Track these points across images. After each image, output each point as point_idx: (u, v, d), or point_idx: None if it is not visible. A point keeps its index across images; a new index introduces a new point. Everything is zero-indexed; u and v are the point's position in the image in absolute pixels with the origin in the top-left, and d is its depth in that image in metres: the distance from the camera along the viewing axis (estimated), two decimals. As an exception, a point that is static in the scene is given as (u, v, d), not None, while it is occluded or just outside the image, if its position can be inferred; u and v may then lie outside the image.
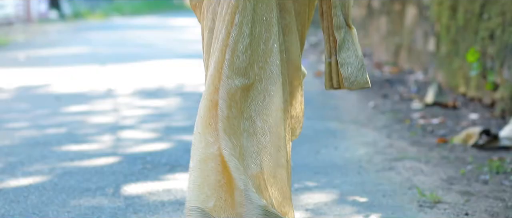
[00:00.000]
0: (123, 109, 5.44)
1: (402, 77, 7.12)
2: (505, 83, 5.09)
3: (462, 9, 5.93)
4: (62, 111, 5.36)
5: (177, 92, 6.25)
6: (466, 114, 5.32)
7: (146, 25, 15.66)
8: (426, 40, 7.04)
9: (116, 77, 7.18)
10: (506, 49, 5.06)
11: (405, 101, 5.97)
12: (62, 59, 8.89)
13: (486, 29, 5.41)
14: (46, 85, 6.66)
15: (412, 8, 7.55)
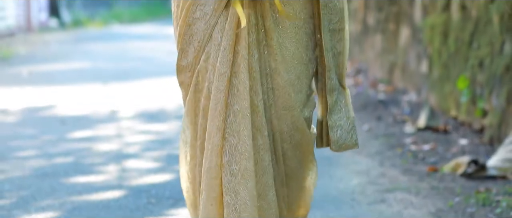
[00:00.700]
0: (127, 134, 5.65)
1: (396, 97, 7.33)
2: (493, 110, 5.30)
3: (453, 35, 6.15)
4: (67, 137, 5.56)
5: (177, 115, 6.46)
6: (456, 139, 5.54)
7: (144, 35, 15.86)
8: (419, 61, 7.25)
9: (118, 97, 7.39)
10: (495, 78, 5.28)
11: (398, 124, 6.18)
12: (64, 75, 9.09)
13: (476, 57, 5.63)
14: (51, 106, 6.86)
15: (406, 29, 7.76)
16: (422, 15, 7.13)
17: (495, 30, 5.26)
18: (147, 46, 13.04)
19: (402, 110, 6.76)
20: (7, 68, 10.02)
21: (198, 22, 2.54)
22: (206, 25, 2.53)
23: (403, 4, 7.85)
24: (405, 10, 7.78)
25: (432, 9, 6.77)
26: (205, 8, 2.54)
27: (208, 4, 2.53)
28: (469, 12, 5.83)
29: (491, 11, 5.32)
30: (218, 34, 2.51)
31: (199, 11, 2.54)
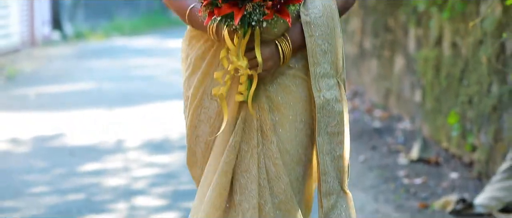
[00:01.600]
0: (133, 167, 5.93)
1: (391, 125, 7.61)
2: (482, 147, 5.59)
3: (444, 71, 6.44)
4: (77, 170, 5.85)
5: (180, 144, 6.73)
6: (447, 172, 5.83)
7: (146, 50, 16.14)
8: (413, 90, 7.54)
9: (123, 124, 7.67)
10: (483, 117, 5.57)
11: (392, 154, 6.47)
12: (70, 98, 9.37)
13: (466, 94, 5.92)
14: (59, 135, 7.14)
15: (400, 57, 8.05)
16: (415, 46, 7.42)
17: (483, 70, 5.55)
18: (149, 63, 13.32)
19: (396, 138, 7.05)
20: (13, 88, 10.31)
21: (202, 124, 2.64)
22: (211, 128, 2.63)
23: (398, 33, 8.14)
24: (399, 39, 8.07)
25: (425, 42, 7.06)
26: (209, 111, 2.64)
27: (211, 108, 2.63)
28: (459, 50, 6.12)
29: (479, 52, 5.61)
30: (223, 136, 2.59)
31: (204, 114, 2.65)
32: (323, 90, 2.57)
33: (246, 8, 2.39)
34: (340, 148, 2.59)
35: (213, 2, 2.42)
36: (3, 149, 6.60)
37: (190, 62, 2.69)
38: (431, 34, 6.82)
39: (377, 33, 9.02)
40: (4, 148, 6.66)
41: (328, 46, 2.58)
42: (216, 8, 2.42)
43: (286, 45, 2.55)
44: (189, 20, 2.62)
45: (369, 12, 9.42)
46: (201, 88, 2.65)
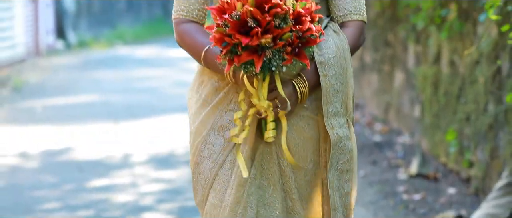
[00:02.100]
0: (140, 183, 6.11)
1: (390, 139, 7.79)
2: (479, 163, 5.77)
3: (443, 88, 6.61)
4: (86, 186, 6.02)
5: (186, 159, 6.91)
6: (445, 188, 6.00)
7: (148, 59, 16.33)
8: (412, 105, 7.72)
9: (129, 138, 7.84)
10: (480, 134, 5.74)
11: (392, 169, 6.65)
12: (76, 110, 9.55)
13: (463, 112, 6.09)
14: (68, 150, 7.31)
15: (400, 72, 8.23)
16: (415, 62, 7.60)
17: (480, 89, 5.72)
18: (152, 75, 13.50)
19: (396, 153, 7.22)
20: (20, 101, 10.49)
21: (205, 161, 2.66)
22: (213, 163, 2.65)
23: (397, 49, 8.31)
24: (399, 55, 8.25)
25: (424, 58, 7.23)
26: (214, 147, 2.66)
27: (216, 144, 2.65)
28: (457, 68, 6.30)
29: (476, 72, 5.78)
30: (228, 171, 2.64)
31: (208, 150, 2.67)
32: (336, 128, 2.64)
33: (265, 54, 2.45)
34: (348, 185, 2.68)
35: (232, 50, 2.46)
36: (13, 164, 6.78)
37: (199, 97, 2.74)
38: (429, 52, 7.00)
39: (377, 47, 9.20)
40: (14, 162, 6.83)
41: (341, 86, 2.65)
42: (236, 55, 2.46)
43: (303, 85, 2.62)
44: (204, 61, 2.67)
45: (369, 26, 9.60)
46: (209, 124, 2.69)
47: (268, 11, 2.44)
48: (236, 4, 2.46)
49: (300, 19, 2.47)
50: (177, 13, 2.75)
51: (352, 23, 2.75)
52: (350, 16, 2.75)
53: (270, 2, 2.44)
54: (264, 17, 2.43)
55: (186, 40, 2.71)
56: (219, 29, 2.46)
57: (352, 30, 2.74)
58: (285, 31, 2.44)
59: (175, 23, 2.75)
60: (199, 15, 2.74)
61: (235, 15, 2.45)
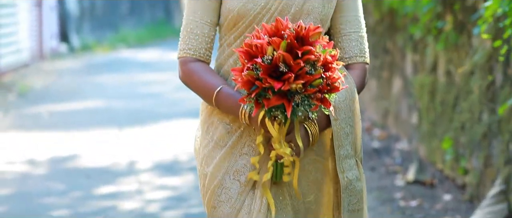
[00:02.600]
0: (146, 190, 6.31)
1: (389, 145, 7.99)
2: (473, 171, 5.96)
3: (439, 97, 6.81)
4: (94, 193, 6.22)
5: (189, 166, 7.11)
6: (441, 194, 6.19)
7: (151, 63, 16.57)
8: (410, 112, 7.91)
9: (134, 145, 8.05)
10: (474, 143, 5.94)
11: (390, 175, 6.85)
12: (81, 117, 9.76)
13: (458, 120, 6.29)
14: (74, 156, 7.51)
15: (398, 79, 8.42)
16: (412, 70, 7.79)
17: (474, 99, 5.92)
18: (155, 79, 13.71)
19: (394, 159, 7.42)
20: (26, 106, 10.70)
21: (223, 205, 2.70)
22: (231, 209, 2.68)
23: (396, 56, 8.51)
24: (397, 62, 8.44)
25: (421, 67, 7.43)
26: (231, 192, 2.70)
27: (233, 188, 2.69)
28: (453, 78, 6.49)
29: (471, 83, 5.98)
30: (245, 216, 2.67)
31: (225, 194, 2.70)
32: (346, 171, 2.70)
33: (295, 99, 2.45)
34: None
35: (262, 93, 2.45)
36: (22, 171, 6.97)
37: (210, 140, 2.75)
38: (426, 61, 7.19)
39: (377, 54, 9.39)
40: (23, 170, 7.03)
41: (350, 129, 2.72)
42: (265, 99, 2.45)
43: (314, 128, 2.67)
44: (216, 102, 2.68)
45: (369, 33, 9.77)
46: (223, 168, 2.72)
47: (301, 57, 2.45)
48: (266, 48, 2.46)
49: (328, 66, 2.50)
50: (184, 51, 2.76)
51: (357, 65, 2.83)
52: (355, 58, 2.82)
53: (302, 48, 2.46)
54: (296, 63, 2.44)
55: (195, 81, 2.71)
56: (250, 73, 2.45)
57: (358, 73, 2.81)
58: (316, 77, 2.45)
59: (181, 62, 2.76)
60: (205, 54, 2.77)
61: (267, 59, 2.45)
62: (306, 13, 2.75)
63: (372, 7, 9.12)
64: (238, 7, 2.73)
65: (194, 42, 2.76)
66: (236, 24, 2.75)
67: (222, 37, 2.83)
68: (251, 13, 2.73)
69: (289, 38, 2.45)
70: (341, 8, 2.84)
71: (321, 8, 2.77)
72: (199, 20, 2.76)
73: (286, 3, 2.74)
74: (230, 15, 2.74)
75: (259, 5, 2.73)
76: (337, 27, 2.84)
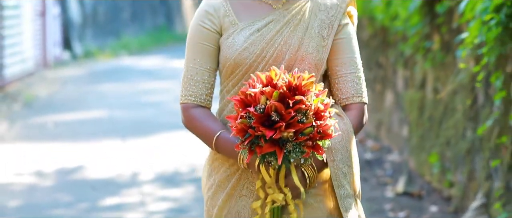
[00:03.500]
0: (149, 202, 6.65)
1: (381, 157, 8.33)
2: (458, 184, 6.31)
3: (427, 112, 7.15)
4: (99, 205, 6.57)
5: (190, 177, 7.45)
6: (428, 206, 6.54)
7: (153, 71, 16.94)
8: (401, 125, 8.26)
9: (137, 156, 8.40)
10: (459, 157, 6.29)
11: (380, 187, 7.19)
12: (85, 127, 10.12)
13: (444, 136, 6.64)
14: (80, 168, 7.86)
15: (390, 93, 8.77)
16: (403, 85, 8.14)
17: (459, 117, 6.27)
18: (157, 88, 14.08)
19: (385, 171, 7.77)
20: (32, 116, 11.05)
21: None
22: None
23: (388, 71, 8.86)
24: (389, 77, 8.79)
25: (411, 83, 7.78)
26: None
27: None
28: (440, 94, 6.84)
29: (456, 101, 6.33)
30: None
31: None
32: (349, 210, 2.78)
33: (286, 147, 2.53)
34: None
35: (254, 140, 2.54)
36: (30, 183, 7.32)
37: (213, 183, 2.89)
38: (416, 77, 7.54)
39: (370, 67, 9.74)
40: (30, 181, 7.37)
41: (348, 169, 2.79)
42: (258, 146, 2.54)
43: (311, 171, 2.74)
44: (216, 147, 2.79)
45: (363, 46, 10.13)
46: (225, 209, 2.85)
47: (292, 106, 2.53)
48: (260, 97, 2.55)
49: (319, 114, 2.56)
50: (185, 98, 2.86)
51: (355, 105, 2.88)
52: (352, 99, 2.87)
53: (293, 98, 2.53)
54: (288, 112, 2.52)
55: (196, 126, 2.81)
56: (243, 121, 2.55)
57: (355, 113, 2.87)
58: (307, 126, 2.53)
59: (183, 108, 2.86)
60: (206, 100, 2.86)
61: (259, 108, 2.54)
62: (300, 59, 2.84)
63: (367, 21, 9.47)
64: (234, 56, 2.83)
65: (195, 88, 2.85)
66: (233, 71, 2.85)
67: (221, 83, 2.92)
68: (247, 62, 2.83)
69: (282, 88, 2.55)
70: (336, 50, 2.88)
71: (316, 54, 2.85)
72: (199, 67, 2.86)
73: (280, 50, 2.84)
74: (227, 63, 2.84)
75: (254, 54, 2.83)
76: (333, 69, 2.88)
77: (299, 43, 2.85)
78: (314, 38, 2.86)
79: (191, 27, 2.93)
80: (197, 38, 2.89)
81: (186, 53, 2.92)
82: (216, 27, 2.88)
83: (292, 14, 2.87)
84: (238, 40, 2.85)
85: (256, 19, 2.87)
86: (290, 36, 2.85)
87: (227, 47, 2.85)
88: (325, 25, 2.88)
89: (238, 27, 2.87)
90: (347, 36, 2.90)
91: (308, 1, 2.90)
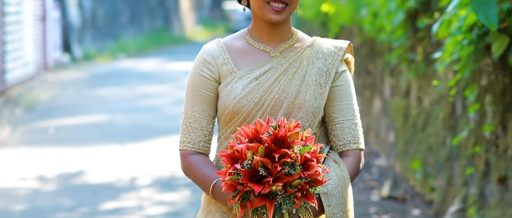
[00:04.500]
0: (146, 206, 7.02)
1: (369, 161, 8.70)
2: (439, 189, 6.69)
3: (411, 120, 7.52)
4: (100, 209, 6.93)
5: (186, 182, 7.81)
6: (410, 209, 6.91)
7: (151, 74, 17.33)
8: (388, 131, 8.63)
9: (135, 161, 8.76)
10: (439, 164, 6.66)
11: (367, 191, 7.55)
12: (85, 132, 10.48)
13: (427, 143, 7.01)
14: (81, 173, 8.22)
15: (378, 99, 9.14)
16: (390, 92, 8.51)
17: (439, 125, 6.64)
18: (155, 92, 14.45)
19: (372, 175, 8.13)
20: (33, 121, 11.41)
21: None
22: None
23: (376, 78, 9.23)
24: (377, 84, 9.16)
25: (397, 91, 8.15)
26: None
27: None
28: (423, 104, 7.21)
29: (437, 109, 6.70)
30: None
31: None
32: None
33: (276, 199, 2.55)
34: None
35: (245, 196, 2.56)
36: (33, 187, 7.68)
37: None
38: (401, 86, 7.91)
39: (360, 74, 10.11)
40: (34, 186, 7.73)
41: (342, 214, 2.82)
42: (249, 201, 2.56)
43: (307, 215, 2.77)
44: (212, 195, 2.84)
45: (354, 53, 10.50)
46: None
47: (278, 160, 2.55)
48: (246, 153, 2.56)
49: (307, 164, 2.58)
50: (184, 145, 2.90)
51: (351, 152, 2.91)
52: (349, 145, 2.90)
53: (279, 151, 2.55)
54: (274, 166, 2.53)
55: (194, 173, 2.87)
56: (232, 178, 2.57)
57: (352, 159, 2.90)
58: (294, 178, 2.55)
59: (181, 155, 2.91)
60: (204, 146, 2.90)
61: (247, 165, 2.55)
62: (298, 107, 2.86)
63: (356, 30, 9.84)
64: (233, 104, 2.86)
65: (193, 135, 2.89)
66: (232, 119, 2.88)
67: (220, 129, 2.96)
68: (245, 110, 2.86)
69: (267, 142, 2.56)
70: (333, 98, 2.90)
71: (313, 101, 2.87)
72: (197, 114, 2.90)
73: (278, 99, 2.86)
74: (226, 111, 2.87)
75: (252, 102, 2.85)
76: (330, 115, 2.91)
77: (296, 91, 2.87)
78: (311, 86, 2.89)
79: (190, 74, 2.96)
80: (196, 86, 2.92)
81: (185, 100, 2.94)
82: (215, 75, 2.91)
83: (289, 62, 2.91)
84: (236, 89, 2.87)
85: (254, 67, 2.91)
86: (288, 84, 2.88)
87: (225, 95, 2.88)
88: (322, 73, 2.91)
89: (236, 75, 2.90)
90: (344, 83, 2.92)
91: (306, 49, 2.95)
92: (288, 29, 2.95)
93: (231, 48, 2.95)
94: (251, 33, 2.97)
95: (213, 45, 2.96)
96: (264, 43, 2.95)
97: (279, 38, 2.94)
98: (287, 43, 2.95)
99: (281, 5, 2.85)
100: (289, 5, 2.86)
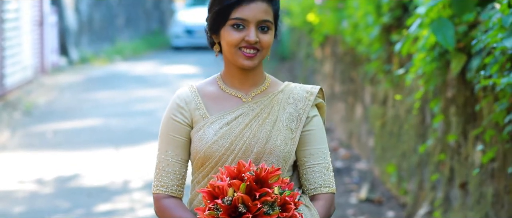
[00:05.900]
0: (138, 208, 7.47)
1: (350, 165, 9.17)
2: (411, 192, 7.15)
3: (388, 127, 7.99)
4: (94, 211, 7.38)
5: (176, 185, 8.29)
6: (385, 211, 7.37)
7: (146, 77, 17.79)
8: (368, 136, 9.09)
9: (128, 165, 9.21)
10: (411, 169, 7.12)
11: (346, 194, 8.01)
12: (81, 136, 10.93)
13: (401, 149, 7.48)
14: (77, 176, 8.66)
15: (359, 106, 9.61)
16: (370, 100, 8.98)
17: (412, 133, 7.10)
18: (149, 95, 14.92)
19: (352, 178, 8.60)
20: (31, 125, 11.87)
21: None
22: None
23: (358, 86, 9.69)
24: (359, 91, 9.63)
25: (376, 99, 8.61)
26: None
27: None
28: (398, 112, 7.67)
29: (410, 118, 7.16)
30: None
31: None
32: None
33: None
34: None
35: None
36: (31, 190, 8.13)
37: None
38: (379, 94, 8.38)
39: (344, 81, 10.57)
40: (32, 189, 8.18)
41: None
42: None
43: None
44: None
45: (338, 61, 10.97)
46: None
47: (258, 198, 2.60)
48: (227, 189, 2.62)
49: (286, 206, 2.63)
50: (157, 188, 2.97)
51: (323, 196, 2.94)
52: (320, 189, 2.94)
53: (259, 190, 2.60)
54: (254, 204, 2.59)
55: (167, 216, 2.91)
56: (211, 213, 2.62)
57: (323, 203, 2.93)
58: (273, 217, 2.61)
59: (155, 198, 2.96)
60: (177, 190, 2.96)
61: (227, 200, 2.60)
62: (268, 152, 2.90)
63: (340, 40, 10.30)
64: (204, 149, 2.91)
65: (166, 179, 2.95)
66: (203, 164, 2.93)
67: (193, 173, 3.03)
68: (217, 155, 2.90)
69: (249, 180, 2.62)
70: (304, 142, 2.94)
71: (283, 146, 2.91)
72: (171, 158, 2.95)
73: (249, 144, 2.90)
74: (198, 155, 2.93)
75: (223, 147, 2.90)
76: (301, 159, 2.95)
77: (267, 137, 2.90)
78: (282, 131, 2.92)
79: (164, 119, 3.03)
80: (169, 130, 2.97)
81: (159, 144, 3.00)
82: (187, 120, 2.95)
83: (261, 107, 2.95)
84: (208, 134, 2.91)
85: (226, 112, 2.95)
86: (259, 130, 2.91)
87: (197, 140, 2.92)
88: (293, 118, 2.94)
89: (208, 121, 2.94)
90: (315, 127, 2.95)
91: (277, 94, 2.99)
92: (260, 74, 3.00)
93: (204, 94, 2.99)
94: (223, 78, 3.02)
95: (186, 90, 3.02)
96: (236, 89, 2.99)
97: (251, 83, 2.99)
98: (259, 88, 3.00)
99: (252, 51, 2.89)
100: (260, 50, 2.91)
